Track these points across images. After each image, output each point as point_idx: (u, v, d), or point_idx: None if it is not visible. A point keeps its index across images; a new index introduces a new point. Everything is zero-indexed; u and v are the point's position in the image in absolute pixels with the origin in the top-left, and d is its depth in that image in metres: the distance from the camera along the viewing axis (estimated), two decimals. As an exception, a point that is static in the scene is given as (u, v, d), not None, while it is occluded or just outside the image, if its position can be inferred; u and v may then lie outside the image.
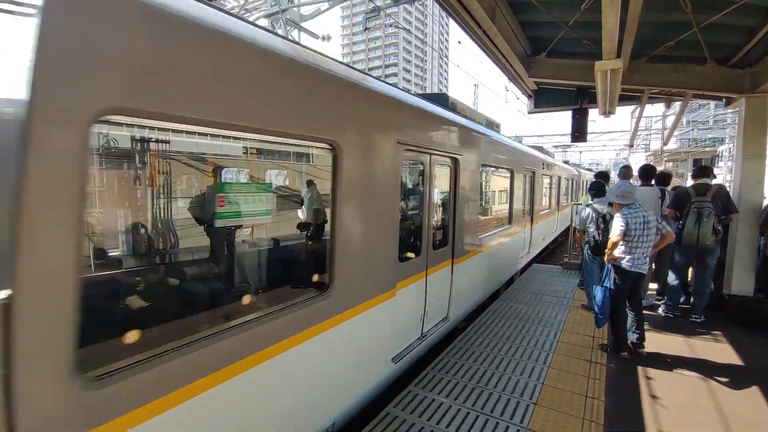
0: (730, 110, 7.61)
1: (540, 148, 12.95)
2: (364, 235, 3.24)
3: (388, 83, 3.94)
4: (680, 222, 5.62)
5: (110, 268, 2.83)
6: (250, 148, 3.34)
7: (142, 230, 3.13)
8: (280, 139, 2.57)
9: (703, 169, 5.96)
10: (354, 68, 3.42)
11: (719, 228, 5.47)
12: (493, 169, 6.96)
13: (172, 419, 1.85)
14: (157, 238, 3.20)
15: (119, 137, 2.65)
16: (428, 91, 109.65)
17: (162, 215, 3.13)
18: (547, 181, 11.73)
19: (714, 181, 5.88)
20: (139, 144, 2.78)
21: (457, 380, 3.98)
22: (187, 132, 2.13)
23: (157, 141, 2.69)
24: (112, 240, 2.93)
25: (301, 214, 4.24)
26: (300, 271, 3.56)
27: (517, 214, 8.11)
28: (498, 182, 7.69)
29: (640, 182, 6.36)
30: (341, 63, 3.18)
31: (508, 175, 7.62)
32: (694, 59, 6.30)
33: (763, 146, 6.35)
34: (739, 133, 6.63)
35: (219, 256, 3.17)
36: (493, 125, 7.51)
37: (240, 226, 3.07)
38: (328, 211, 2.99)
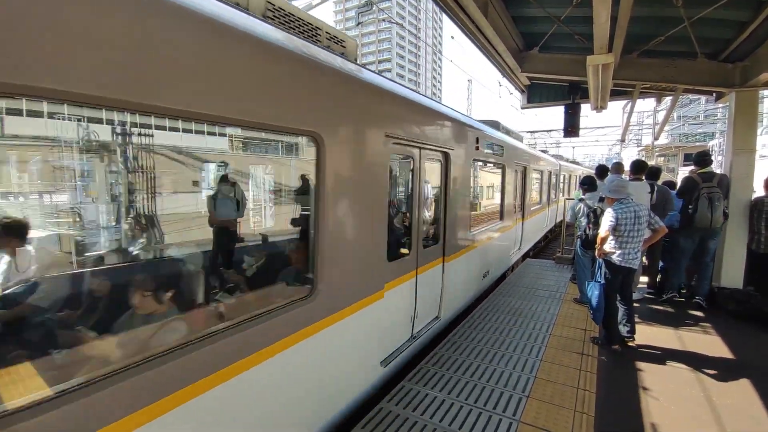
0: (720, 105, 7.67)
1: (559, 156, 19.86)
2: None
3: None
4: (690, 207, 5.93)
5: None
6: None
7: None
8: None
9: (704, 156, 6.22)
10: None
11: (727, 211, 5.96)
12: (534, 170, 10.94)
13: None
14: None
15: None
16: (422, 86, 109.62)
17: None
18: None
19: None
20: None
21: (450, 374, 4.00)
22: None
23: None
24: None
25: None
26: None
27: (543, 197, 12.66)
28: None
29: (631, 176, 6.41)
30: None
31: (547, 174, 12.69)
32: (685, 54, 6.34)
33: (753, 140, 6.42)
34: (729, 128, 6.69)
35: None
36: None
37: None
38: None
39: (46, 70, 1.36)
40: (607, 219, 4.49)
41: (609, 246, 4.55)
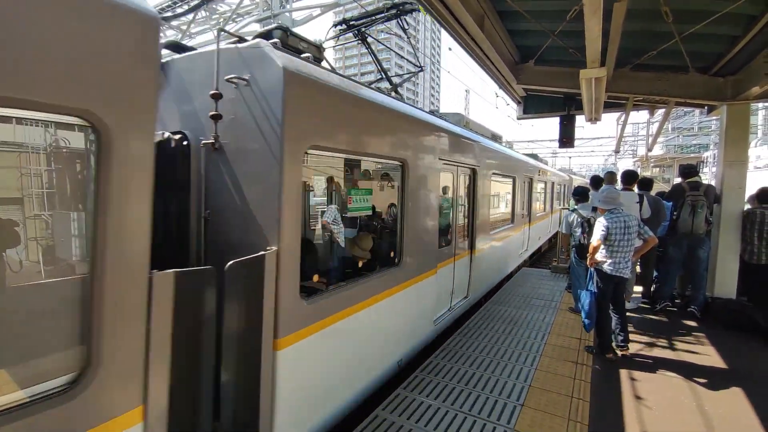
0: (713, 117, 7.80)
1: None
2: None
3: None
4: (675, 213, 6.20)
5: None
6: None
7: None
8: None
9: (690, 168, 6.69)
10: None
11: (711, 219, 6.17)
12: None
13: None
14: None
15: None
16: (419, 96, 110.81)
17: None
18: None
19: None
20: None
21: (445, 383, 4.01)
22: None
23: None
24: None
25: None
26: None
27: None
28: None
29: (622, 186, 6.52)
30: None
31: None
32: (677, 68, 6.46)
33: (745, 152, 6.52)
34: (721, 140, 6.79)
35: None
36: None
37: None
38: None
39: None
40: (598, 228, 4.56)
41: (600, 255, 4.61)
